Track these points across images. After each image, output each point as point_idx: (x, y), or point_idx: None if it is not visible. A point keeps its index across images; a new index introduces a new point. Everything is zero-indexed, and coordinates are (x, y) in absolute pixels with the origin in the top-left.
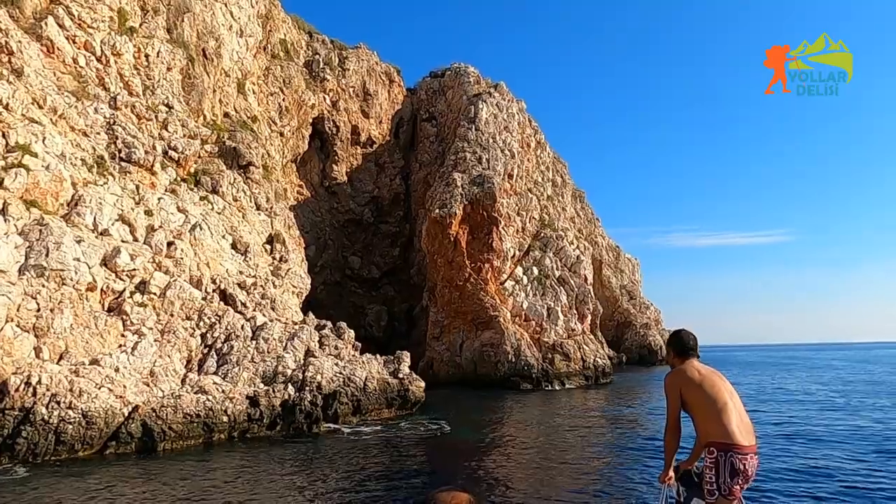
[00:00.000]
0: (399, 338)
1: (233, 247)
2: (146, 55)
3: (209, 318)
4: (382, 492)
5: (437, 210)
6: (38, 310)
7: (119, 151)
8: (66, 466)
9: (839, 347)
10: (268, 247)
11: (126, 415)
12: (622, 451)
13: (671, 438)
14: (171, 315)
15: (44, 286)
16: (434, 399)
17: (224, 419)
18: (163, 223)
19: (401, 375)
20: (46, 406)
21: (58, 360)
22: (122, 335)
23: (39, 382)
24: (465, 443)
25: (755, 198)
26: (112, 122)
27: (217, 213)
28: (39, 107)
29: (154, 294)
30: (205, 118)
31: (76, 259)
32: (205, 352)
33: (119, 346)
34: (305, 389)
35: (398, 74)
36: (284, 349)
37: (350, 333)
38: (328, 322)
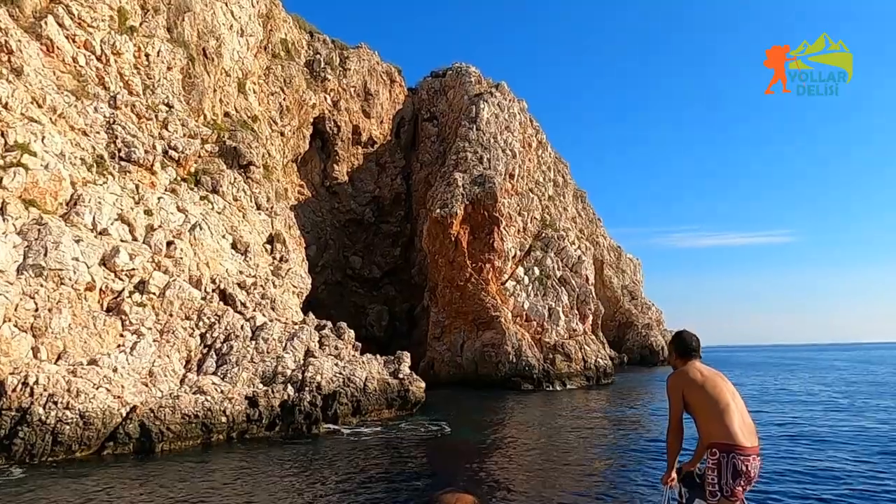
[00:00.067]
0: (400, 338)
1: (233, 247)
2: (146, 54)
3: (209, 318)
4: (383, 494)
5: (439, 210)
6: (37, 309)
7: (119, 151)
8: (63, 467)
9: (842, 348)
10: (268, 246)
11: (124, 415)
12: (624, 453)
13: (673, 440)
14: (171, 315)
15: (42, 286)
16: (434, 399)
17: (223, 420)
18: (162, 223)
19: (401, 376)
20: (44, 406)
21: (55, 361)
22: (121, 335)
23: (37, 382)
24: (466, 444)
25: (756, 198)
26: (112, 122)
27: (217, 213)
28: (39, 106)
29: (153, 294)
30: (205, 118)
31: (75, 259)
32: (204, 352)
33: (118, 346)
34: (305, 390)
35: (399, 74)
36: (284, 349)
37: (350, 333)
38: (328, 322)
